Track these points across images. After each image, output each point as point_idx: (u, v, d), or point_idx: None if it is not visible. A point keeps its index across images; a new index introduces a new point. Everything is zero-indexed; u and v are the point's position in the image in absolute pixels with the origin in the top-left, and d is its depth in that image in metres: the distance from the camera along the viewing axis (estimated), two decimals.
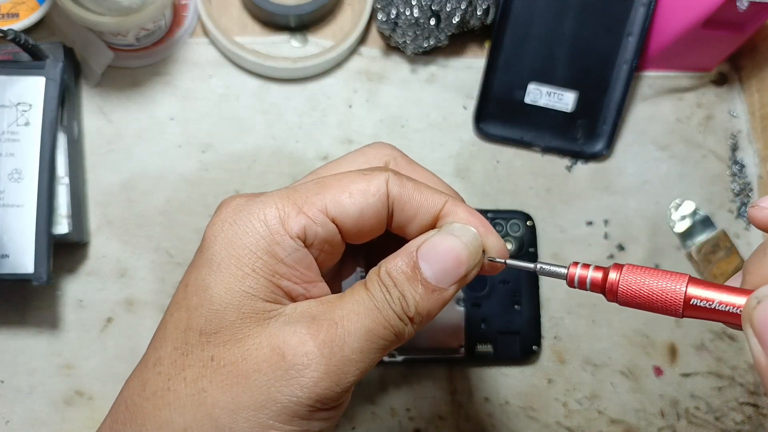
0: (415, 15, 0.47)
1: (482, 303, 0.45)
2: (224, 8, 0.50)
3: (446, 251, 0.27)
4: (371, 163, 0.30)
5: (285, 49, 0.49)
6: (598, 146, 0.50)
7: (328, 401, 0.25)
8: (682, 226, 0.50)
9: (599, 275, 0.25)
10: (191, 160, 0.47)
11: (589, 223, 0.49)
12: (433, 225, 0.28)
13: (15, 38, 0.38)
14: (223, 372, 0.25)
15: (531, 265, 0.27)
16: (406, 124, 0.49)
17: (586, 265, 0.25)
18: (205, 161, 0.47)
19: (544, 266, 0.27)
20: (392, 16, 0.47)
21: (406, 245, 0.27)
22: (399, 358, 0.44)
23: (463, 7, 0.47)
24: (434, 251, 0.27)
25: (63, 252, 0.43)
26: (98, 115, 0.46)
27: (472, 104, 0.50)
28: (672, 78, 0.53)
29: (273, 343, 0.25)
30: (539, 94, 0.50)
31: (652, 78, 0.52)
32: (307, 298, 0.27)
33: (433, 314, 0.27)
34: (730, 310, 0.23)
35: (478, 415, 0.45)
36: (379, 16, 0.48)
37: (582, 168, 0.51)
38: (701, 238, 0.50)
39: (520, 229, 0.47)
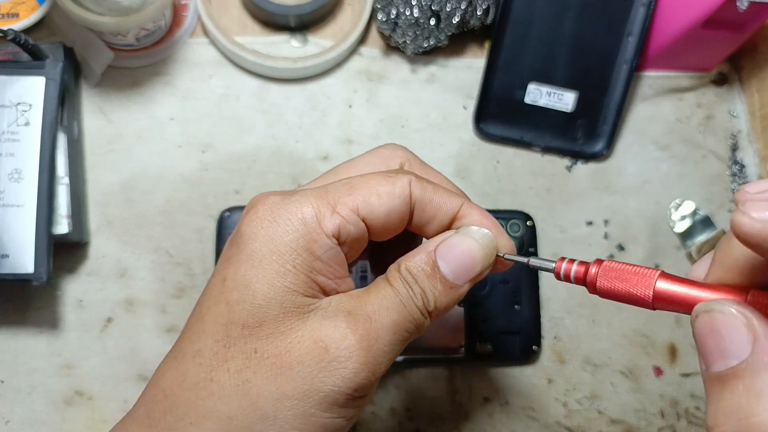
0: (415, 15, 0.47)
1: (482, 303, 0.45)
2: (224, 8, 0.50)
3: (464, 251, 0.29)
4: (388, 164, 0.32)
5: (285, 49, 0.49)
6: (598, 146, 0.50)
7: (364, 390, 0.27)
8: (682, 226, 0.50)
9: (582, 269, 0.27)
10: (191, 160, 0.47)
11: (589, 223, 0.49)
12: (449, 225, 0.30)
13: (15, 38, 0.38)
14: (267, 363, 0.26)
15: (524, 260, 0.30)
16: (406, 124, 0.49)
17: (572, 261, 0.28)
18: (205, 161, 0.47)
19: (534, 261, 0.29)
20: (392, 16, 0.47)
21: (425, 244, 0.29)
22: (399, 358, 0.44)
23: (463, 7, 0.47)
24: (452, 251, 0.29)
25: (63, 252, 0.43)
26: (98, 115, 0.46)
27: (472, 104, 0.50)
28: (672, 78, 0.53)
29: (315, 336, 0.26)
30: (539, 94, 0.50)
31: (652, 78, 0.52)
32: (337, 293, 0.29)
33: (449, 309, 0.29)
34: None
35: (478, 415, 0.45)
36: (379, 16, 0.48)
37: (582, 168, 0.51)
38: (701, 238, 0.50)
39: (520, 229, 0.47)
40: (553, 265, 0.28)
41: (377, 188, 0.29)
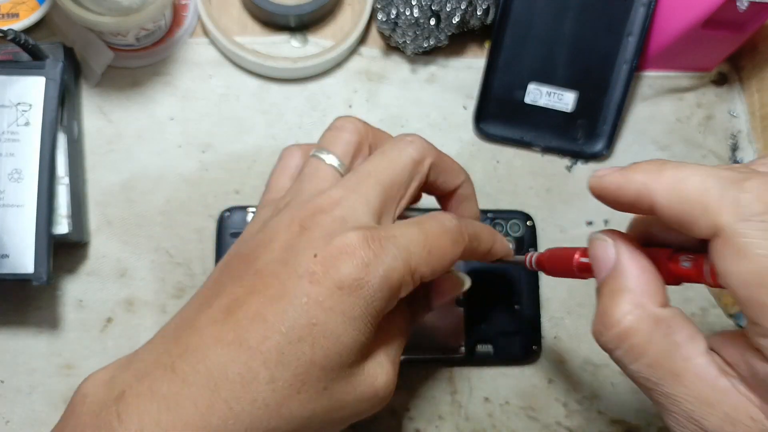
0: (415, 15, 0.47)
1: (482, 303, 0.45)
2: (224, 8, 0.50)
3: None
4: (418, 170, 0.33)
5: (285, 49, 0.49)
6: (598, 146, 0.50)
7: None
8: None
9: (534, 256, 0.35)
10: (191, 160, 0.47)
11: (589, 223, 0.49)
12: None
13: (15, 38, 0.38)
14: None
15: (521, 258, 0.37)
16: (406, 124, 0.49)
17: (533, 253, 0.36)
18: (206, 161, 0.47)
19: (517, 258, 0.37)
20: (392, 16, 0.47)
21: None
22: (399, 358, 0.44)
23: (463, 7, 0.47)
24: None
25: (63, 252, 0.44)
26: (98, 115, 0.46)
27: (472, 104, 0.50)
28: (672, 78, 0.53)
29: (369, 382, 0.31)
30: (539, 94, 0.50)
31: (652, 78, 0.52)
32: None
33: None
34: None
35: (478, 415, 0.45)
36: (379, 16, 0.48)
37: (582, 168, 0.51)
38: None
39: (520, 229, 0.47)
40: (523, 258, 0.36)
41: (447, 250, 0.31)
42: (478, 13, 0.48)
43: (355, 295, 0.27)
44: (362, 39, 0.50)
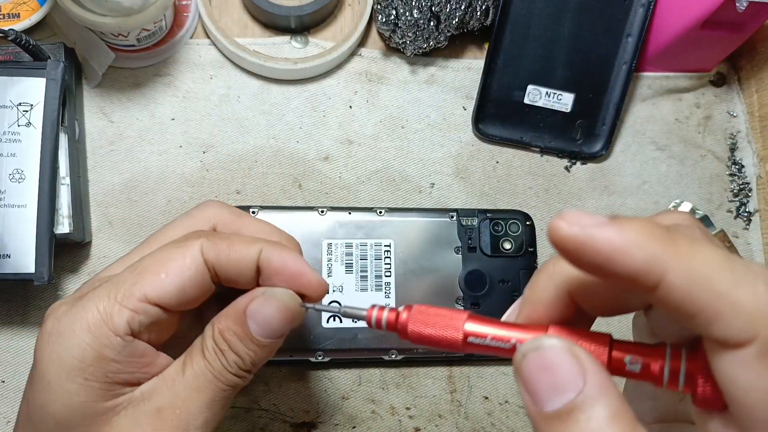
0: (415, 16, 0.47)
1: (482, 303, 0.45)
2: (225, 9, 0.50)
3: (271, 313, 0.29)
4: (197, 226, 0.32)
5: (285, 50, 0.49)
6: (597, 146, 0.51)
7: None
8: None
9: (393, 315, 0.26)
10: (192, 161, 0.47)
11: None
12: (256, 274, 0.30)
13: (16, 39, 0.39)
14: None
15: (336, 309, 0.29)
16: (405, 124, 0.50)
17: (382, 308, 0.27)
18: (206, 162, 0.47)
19: (347, 310, 0.28)
20: (392, 18, 0.47)
21: (234, 304, 0.30)
22: (399, 357, 0.44)
23: (462, 9, 0.47)
24: (261, 313, 0.29)
25: (64, 252, 0.44)
26: (99, 115, 0.46)
27: (471, 105, 0.50)
28: (671, 78, 0.53)
29: None
30: (538, 95, 0.50)
31: (650, 78, 0.53)
32: (152, 376, 0.29)
33: (265, 360, 0.30)
34: (502, 346, 0.24)
35: (477, 414, 0.45)
36: (379, 17, 0.48)
37: (581, 168, 0.51)
38: None
39: (519, 229, 0.47)
40: (365, 313, 0.27)
41: (166, 266, 0.29)
42: (478, 15, 0.48)
43: (42, 358, 0.29)
44: (362, 40, 0.50)
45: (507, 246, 0.46)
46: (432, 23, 0.47)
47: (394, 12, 0.47)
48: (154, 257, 0.30)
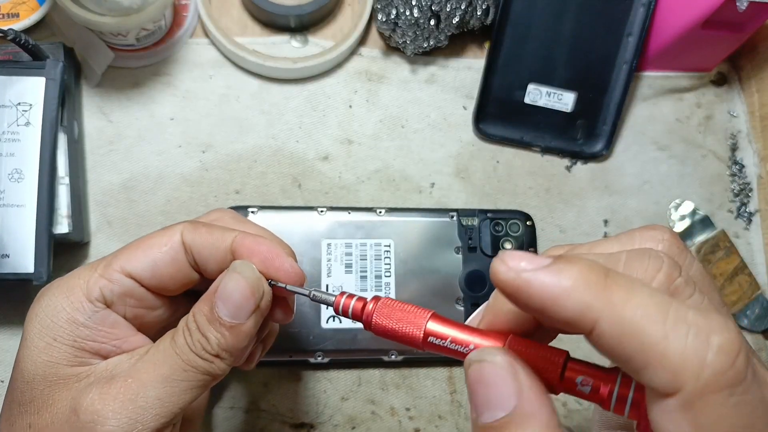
0: (415, 15, 0.47)
1: (482, 303, 0.45)
2: (224, 9, 0.50)
3: (233, 290, 0.28)
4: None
5: (285, 49, 0.49)
6: (598, 146, 0.51)
7: None
8: (681, 226, 0.50)
9: (360, 305, 0.26)
10: (192, 160, 0.47)
11: (589, 224, 0.50)
12: (230, 262, 0.30)
13: (15, 38, 0.38)
14: None
15: (305, 291, 0.29)
16: (406, 124, 0.49)
17: (352, 296, 0.27)
18: (206, 161, 0.47)
19: (316, 293, 0.29)
20: (392, 17, 0.47)
21: (210, 287, 0.30)
22: (399, 358, 0.44)
23: (462, 8, 0.47)
24: (225, 291, 0.29)
25: (63, 252, 0.44)
26: (98, 115, 0.46)
27: (471, 104, 0.50)
28: (671, 78, 0.53)
29: (71, 405, 0.27)
30: (539, 95, 0.50)
31: (651, 78, 0.53)
32: (123, 352, 0.30)
33: (240, 347, 0.29)
34: (460, 350, 0.24)
35: None
36: (379, 16, 0.48)
37: (581, 168, 0.51)
38: (701, 238, 0.50)
39: (519, 229, 0.47)
40: (333, 299, 0.27)
41: (144, 243, 0.30)
42: (478, 14, 0.48)
43: (27, 320, 0.29)
44: (362, 39, 0.50)
45: (507, 246, 0.46)
46: (432, 22, 0.47)
47: (394, 11, 0.47)
48: (141, 238, 0.31)
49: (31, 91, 0.40)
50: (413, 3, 0.47)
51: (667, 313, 0.19)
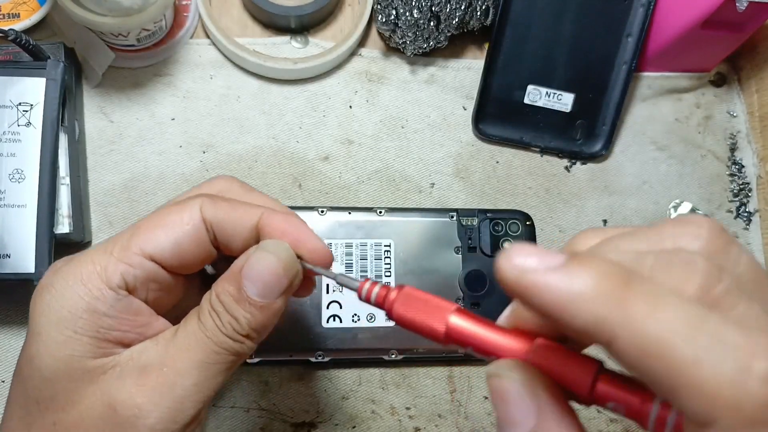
0: (415, 16, 0.47)
1: (481, 302, 0.45)
2: (225, 9, 0.50)
3: (264, 268, 0.27)
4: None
5: (285, 49, 0.49)
6: (597, 146, 0.51)
7: None
8: None
9: (383, 292, 0.26)
10: (192, 161, 0.47)
11: (589, 224, 0.50)
12: (255, 239, 0.29)
13: (16, 38, 0.39)
14: None
15: (332, 275, 0.28)
16: (405, 124, 0.50)
17: (375, 283, 0.26)
18: (206, 161, 0.47)
19: (342, 277, 0.28)
20: (392, 18, 0.47)
21: (232, 266, 0.28)
22: (399, 357, 0.44)
23: (462, 9, 0.47)
24: (254, 270, 0.27)
25: (64, 252, 0.43)
26: (99, 115, 0.46)
27: (471, 105, 0.50)
28: (671, 78, 0.53)
29: (105, 400, 0.26)
30: (538, 95, 0.50)
31: (651, 78, 0.53)
32: (146, 338, 0.28)
33: (269, 326, 0.28)
34: (481, 353, 0.23)
35: (477, 414, 0.45)
36: (379, 17, 0.48)
37: (581, 168, 0.51)
38: None
39: (519, 229, 0.47)
40: (357, 284, 0.27)
41: (162, 220, 0.28)
42: (478, 14, 0.48)
43: (35, 310, 0.27)
44: (362, 40, 0.50)
45: (507, 246, 0.46)
46: (432, 23, 0.47)
47: (394, 12, 0.47)
48: (153, 215, 0.29)
49: (32, 91, 0.40)
50: (413, 4, 0.47)
51: (699, 331, 0.16)
